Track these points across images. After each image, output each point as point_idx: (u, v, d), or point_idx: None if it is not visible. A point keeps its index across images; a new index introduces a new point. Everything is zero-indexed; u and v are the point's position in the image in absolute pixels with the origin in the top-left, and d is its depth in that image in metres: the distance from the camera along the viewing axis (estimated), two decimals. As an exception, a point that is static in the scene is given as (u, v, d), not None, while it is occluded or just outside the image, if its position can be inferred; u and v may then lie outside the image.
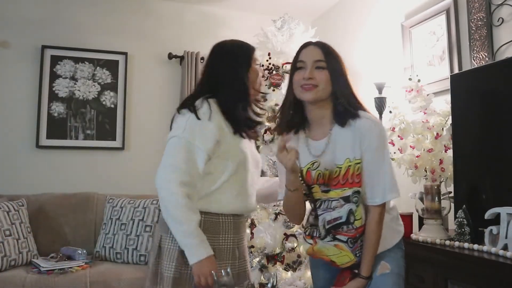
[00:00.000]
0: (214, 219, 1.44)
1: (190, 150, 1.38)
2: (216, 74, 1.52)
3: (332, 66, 1.39)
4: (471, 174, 2.02)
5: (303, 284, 2.42)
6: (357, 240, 1.35)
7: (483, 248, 1.71)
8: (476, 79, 2.10)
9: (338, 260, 1.37)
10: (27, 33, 3.33)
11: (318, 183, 1.40)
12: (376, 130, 1.37)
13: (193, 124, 1.40)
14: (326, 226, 1.38)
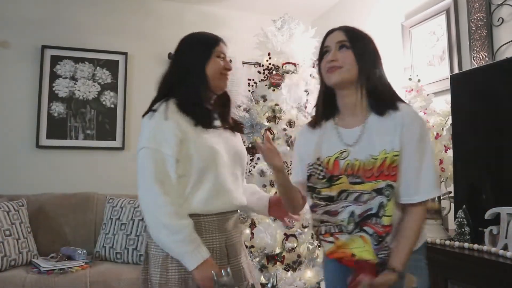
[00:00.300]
0: (195, 220, 1.38)
1: (159, 159, 1.36)
2: (176, 69, 1.50)
3: (357, 46, 1.31)
4: (471, 174, 2.02)
5: (303, 284, 2.42)
6: (383, 240, 1.25)
7: (483, 248, 1.71)
8: (476, 79, 2.10)
9: (360, 255, 1.26)
10: (27, 33, 3.33)
11: (347, 174, 1.30)
12: (419, 121, 1.29)
13: (153, 130, 1.39)
14: (357, 220, 1.27)
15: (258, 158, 2.66)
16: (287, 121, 2.74)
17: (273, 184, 2.64)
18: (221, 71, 1.49)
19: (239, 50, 3.74)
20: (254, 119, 2.74)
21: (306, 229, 2.56)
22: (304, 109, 2.79)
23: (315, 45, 2.97)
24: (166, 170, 1.36)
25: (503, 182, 1.87)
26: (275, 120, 2.73)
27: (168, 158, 1.36)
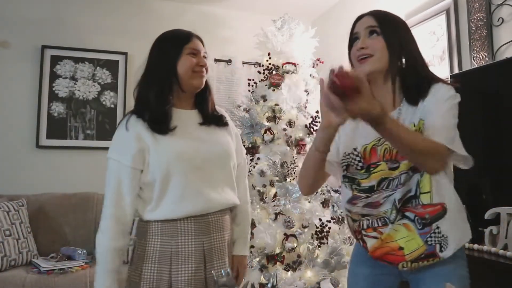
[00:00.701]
0: (171, 224, 1.38)
1: (120, 172, 1.37)
2: (144, 72, 1.50)
3: (388, 31, 1.21)
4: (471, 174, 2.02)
5: (303, 284, 2.42)
6: (428, 223, 1.15)
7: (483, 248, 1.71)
8: (476, 79, 2.10)
9: (407, 246, 1.17)
10: (27, 33, 3.33)
11: (385, 160, 1.21)
12: (450, 90, 1.18)
13: (116, 140, 1.42)
14: (398, 206, 1.18)
15: (258, 158, 2.66)
16: (287, 121, 2.74)
17: (273, 184, 2.64)
18: (194, 68, 1.43)
19: (239, 50, 3.75)
20: (254, 119, 2.74)
21: (306, 229, 2.56)
22: (304, 109, 2.79)
23: (315, 45, 2.97)
24: (125, 183, 1.37)
25: (503, 182, 1.87)
26: (275, 120, 2.73)
27: (128, 170, 1.36)
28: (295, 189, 2.57)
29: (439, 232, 1.17)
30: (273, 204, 2.57)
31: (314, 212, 2.57)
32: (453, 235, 1.18)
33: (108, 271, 1.34)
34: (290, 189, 2.57)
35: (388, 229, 1.21)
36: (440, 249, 1.17)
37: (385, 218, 1.22)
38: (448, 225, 1.17)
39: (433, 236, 1.17)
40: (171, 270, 1.36)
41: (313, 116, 2.78)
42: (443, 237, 1.17)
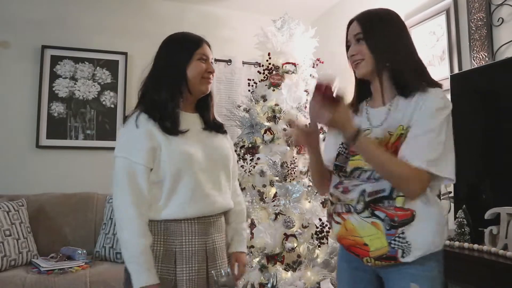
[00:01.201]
0: (175, 224, 1.39)
1: (131, 170, 1.38)
2: (153, 72, 1.48)
3: (370, 37, 1.28)
4: (471, 174, 2.02)
5: (303, 284, 2.42)
6: (396, 226, 1.19)
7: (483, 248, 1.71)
8: (476, 79, 2.10)
9: (372, 244, 1.21)
10: (27, 33, 3.33)
11: None
12: (440, 101, 1.19)
13: (125, 138, 1.43)
14: (367, 199, 1.23)
15: (258, 158, 2.66)
16: (287, 121, 2.75)
17: (273, 184, 2.64)
18: (203, 74, 1.46)
19: (239, 50, 3.76)
20: (254, 119, 2.74)
21: (306, 229, 2.56)
22: (304, 109, 2.79)
23: (315, 45, 2.97)
24: (137, 181, 1.37)
25: (503, 182, 1.87)
26: (275, 120, 2.73)
27: (139, 167, 1.37)
28: (295, 189, 2.57)
29: (403, 237, 1.19)
30: (273, 204, 2.57)
31: (314, 212, 2.57)
32: (417, 243, 1.19)
33: (148, 269, 1.31)
34: (290, 189, 2.57)
35: (353, 219, 1.26)
36: (402, 255, 1.20)
37: (350, 206, 1.27)
38: (414, 233, 1.19)
39: (397, 240, 1.19)
40: (176, 270, 1.37)
41: (313, 116, 2.78)
42: (406, 243, 1.19)
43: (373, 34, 1.28)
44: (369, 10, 1.37)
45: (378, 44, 1.27)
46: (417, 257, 1.19)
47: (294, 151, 2.75)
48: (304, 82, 2.88)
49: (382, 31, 1.29)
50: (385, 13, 1.34)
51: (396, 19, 1.33)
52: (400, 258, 1.20)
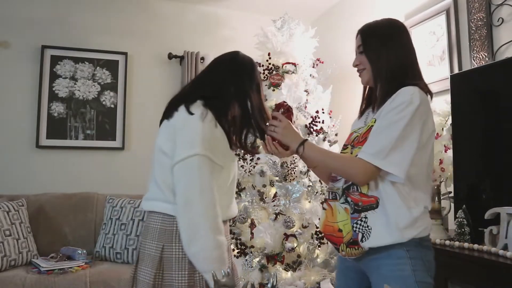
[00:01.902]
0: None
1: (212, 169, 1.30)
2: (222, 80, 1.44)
3: (368, 48, 1.41)
4: (471, 174, 2.02)
5: (303, 284, 2.42)
6: (359, 211, 1.27)
7: (483, 248, 1.71)
8: (476, 79, 2.10)
9: (344, 229, 1.30)
10: (27, 33, 3.33)
11: (351, 144, 1.41)
12: (405, 97, 1.25)
13: (206, 135, 1.30)
14: (343, 186, 1.35)
15: (258, 158, 2.66)
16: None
17: (273, 184, 2.64)
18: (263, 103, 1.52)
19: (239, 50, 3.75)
20: (254, 119, 2.74)
21: (306, 229, 2.56)
22: (304, 109, 2.79)
23: (315, 45, 2.97)
24: (216, 180, 1.33)
25: (503, 182, 1.87)
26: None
27: (218, 168, 1.33)
28: (295, 189, 2.57)
29: (365, 221, 1.26)
30: (273, 204, 2.57)
31: (314, 212, 2.57)
32: (378, 229, 1.24)
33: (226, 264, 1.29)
34: (290, 189, 2.57)
35: (336, 205, 1.36)
36: (361, 239, 1.26)
37: (336, 193, 1.38)
38: (376, 219, 1.26)
39: (359, 223, 1.27)
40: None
41: (313, 116, 2.78)
42: (367, 227, 1.26)
43: (370, 46, 1.40)
44: (370, 23, 1.46)
45: (374, 57, 1.39)
46: (379, 244, 1.24)
47: (294, 151, 2.74)
48: (304, 82, 2.88)
49: (378, 44, 1.39)
50: (385, 25, 1.44)
51: (394, 30, 1.42)
52: (360, 242, 1.26)
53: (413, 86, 1.29)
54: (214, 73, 1.48)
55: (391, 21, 1.45)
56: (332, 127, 2.89)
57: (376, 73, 1.38)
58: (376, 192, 1.27)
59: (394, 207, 1.25)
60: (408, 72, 1.35)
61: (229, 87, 1.42)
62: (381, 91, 1.35)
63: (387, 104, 1.29)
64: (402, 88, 1.28)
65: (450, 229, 2.16)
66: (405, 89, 1.28)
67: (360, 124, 1.46)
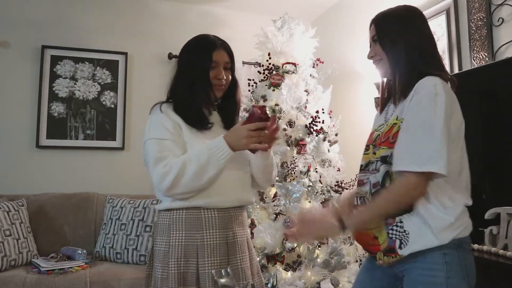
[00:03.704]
0: (196, 213, 1.43)
1: (161, 143, 1.43)
2: (179, 73, 1.55)
3: (383, 37, 1.32)
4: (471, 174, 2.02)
5: (303, 284, 2.42)
6: (394, 215, 1.18)
7: (483, 248, 1.71)
8: (476, 79, 2.10)
9: (380, 236, 1.20)
10: (27, 33, 3.33)
11: (373, 144, 1.32)
12: (426, 90, 1.16)
13: (152, 122, 1.48)
14: (372, 190, 1.25)
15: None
16: (287, 121, 2.74)
17: (273, 184, 2.64)
18: (212, 81, 1.51)
19: (239, 50, 3.74)
20: (254, 119, 2.74)
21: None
22: (304, 109, 2.79)
23: (315, 45, 2.97)
24: (168, 148, 1.42)
25: (503, 182, 1.87)
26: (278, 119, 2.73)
27: (168, 142, 1.43)
28: (295, 189, 2.57)
29: (401, 226, 1.17)
30: (273, 204, 2.58)
31: (314, 212, 2.56)
32: (415, 234, 1.16)
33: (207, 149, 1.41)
34: (290, 189, 2.57)
35: None
36: (400, 245, 1.17)
37: (364, 198, 1.28)
38: (412, 223, 1.17)
39: (395, 229, 1.18)
40: (198, 263, 1.40)
41: (313, 116, 2.78)
42: (404, 232, 1.17)
43: (385, 36, 1.32)
44: (385, 11, 1.39)
45: (390, 45, 1.30)
46: (416, 250, 1.15)
47: (294, 151, 2.75)
48: (304, 82, 2.88)
49: (392, 32, 1.31)
50: (400, 12, 1.35)
51: (411, 16, 1.33)
52: (398, 250, 1.17)
53: (434, 76, 1.20)
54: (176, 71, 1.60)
55: (407, 7, 1.36)
56: (332, 127, 2.89)
57: (393, 63, 1.28)
58: None
59: (429, 207, 1.17)
60: (429, 62, 1.26)
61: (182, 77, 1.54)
62: (400, 82, 1.26)
63: (409, 100, 1.20)
64: (421, 80, 1.19)
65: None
66: (425, 81, 1.19)
67: (380, 121, 1.37)
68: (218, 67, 1.50)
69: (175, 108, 1.49)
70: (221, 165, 1.39)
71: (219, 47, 1.52)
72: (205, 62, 1.48)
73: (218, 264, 1.40)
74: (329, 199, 2.70)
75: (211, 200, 1.43)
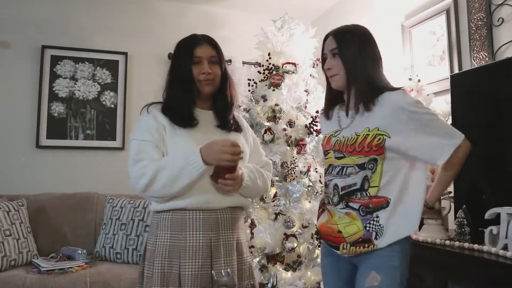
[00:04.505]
0: (180, 215, 1.42)
1: (140, 145, 1.46)
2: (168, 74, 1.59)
3: (343, 52, 1.42)
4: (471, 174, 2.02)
5: (303, 284, 2.42)
6: (371, 212, 1.36)
7: (483, 248, 1.71)
8: (476, 79, 2.10)
9: (345, 230, 1.38)
10: (27, 33, 3.33)
11: (334, 149, 1.47)
12: (406, 98, 1.38)
13: (138, 123, 1.53)
14: (340, 192, 1.41)
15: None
16: (287, 121, 2.74)
17: (273, 184, 2.64)
18: (197, 77, 1.51)
19: (239, 50, 3.75)
20: (254, 119, 2.74)
21: (306, 229, 2.56)
22: (304, 109, 2.79)
23: (315, 45, 2.97)
24: (146, 151, 1.44)
25: (503, 182, 1.87)
26: (275, 120, 2.73)
27: (147, 143, 1.45)
28: (295, 189, 2.57)
29: (377, 221, 1.36)
30: (273, 204, 2.58)
31: (314, 212, 2.57)
32: (390, 227, 1.36)
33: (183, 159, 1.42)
34: (290, 189, 2.57)
35: (332, 209, 1.45)
36: (376, 237, 1.36)
37: (329, 198, 1.47)
38: (387, 217, 1.36)
39: (372, 223, 1.36)
40: (180, 265, 1.40)
41: (313, 116, 2.78)
42: (380, 226, 1.36)
43: (347, 50, 1.42)
44: (342, 27, 1.50)
45: (350, 59, 1.42)
46: (389, 243, 1.35)
47: (294, 151, 2.75)
48: (304, 82, 2.88)
49: (355, 47, 1.42)
50: (356, 29, 1.49)
51: (368, 35, 1.48)
52: (374, 240, 1.36)
53: (398, 90, 1.40)
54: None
55: (363, 27, 1.50)
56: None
57: (352, 78, 1.41)
58: (387, 193, 1.37)
59: (402, 205, 1.38)
60: (383, 78, 1.44)
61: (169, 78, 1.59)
62: (361, 97, 1.40)
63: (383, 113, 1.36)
64: (391, 94, 1.38)
65: (450, 229, 2.15)
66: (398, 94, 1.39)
67: (334, 127, 1.52)
68: (202, 61, 1.50)
69: (162, 109, 1.52)
70: (194, 177, 1.38)
71: (202, 42, 1.53)
72: (186, 60, 1.50)
73: (199, 266, 1.38)
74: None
75: (195, 201, 1.42)
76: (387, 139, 1.36)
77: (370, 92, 1.39)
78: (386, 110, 1.36)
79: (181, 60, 1.52)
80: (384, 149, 1.36)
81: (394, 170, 1.38)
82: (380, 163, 1.37)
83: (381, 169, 1.37)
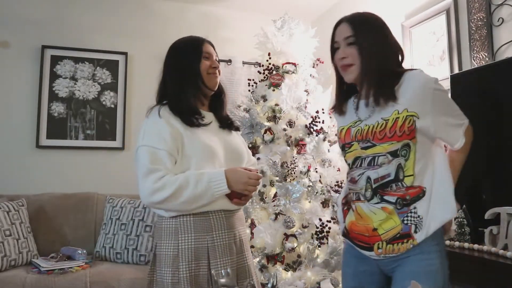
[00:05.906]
0: (205, 217, 1.44)
1: (154, 153, 1.42)
2: (170, 74, 1.58)
3: (360, 40, 1.31)
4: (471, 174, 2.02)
5: (303, 284, 2.42)
6: (408, 204, 1.25)
7: (483, 248, 1.71)
8: (476, 79, 2.10)
9: (381, 226, 1.26)
10: (27, 33, 3.33)
11: (357, 140, 1.34)
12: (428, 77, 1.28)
13: (148, 128, 1.47)
14: (373, 185, 1.28)
15: (258, 158, 2.66)
16: (287, 121, 2.74)
17: (273, 184, 2.64)
18: (208, 70, 1.54)
19: (239, 50, 3.76)
20: (254, 119, 2.74)
21: (306, 229, 2.56)
22: (304, 109, 2.79)
23: (315, 45, 2.97)
24: (161, 161, 1.42)
25: (503, 182, 1.87)
26: (275, 120, 2.73)
27: (162, 152, 1.42)
28: (295, 189, 2.57)
29: (415, 212, 1.25)
30: (273, 204, 2.57)
31: (314, 212, 2.57)
32: (430, 215, 1.25)
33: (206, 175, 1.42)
34: (290, 189, 2.57)
35: (364, 206, 1.31)
36: (415, 230, 1.25)
37: (359, 194, 1.32)
38: (425, 207, 1.25)
39: (410, 216, 1.25)
40: (210, 264, 1.41)
41: (313, 116, 2.79)
42: (418, 217, 1.25)
43: (363, 38, 1.31)
44: (356, 13, 1.40)
45: (370, 48, 1.30)
46: (429, 233, 1.24)
47: (294, 151, 2.75)
48: (304, 82, 2.88)
49: (371, 36, 1.32)
50: (373, 16, 1.40)
51: (382, 22, 1.39)
52: (414, 234, 1.24)
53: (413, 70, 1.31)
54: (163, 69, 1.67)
55: (377, 15, 1.41)
56: (332, 127, 2.89)
57: (368, 68, 1.29)
58: (421, 181, 1.27)
59: (436, 191, 1.27)
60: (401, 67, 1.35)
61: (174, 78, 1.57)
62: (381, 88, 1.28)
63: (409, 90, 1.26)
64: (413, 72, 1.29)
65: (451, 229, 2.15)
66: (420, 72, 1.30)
67: (352, 118, 1.38)
68: (211, 57, 1.56)
69: (171, 108, 1.49)
70: (215, 198, 1.42)
71: (205, 41, 1.60)
72: (195, 57, 1.53)
73: (229, 263, 1.43)
74: (329, 199, 2.70)
75: (217, 206, 1.46)
76: (416, 120, 1.24)
77: (391, 82, 1.28)
78: (411, 90, 1.26)
79: (189, 57, 1.54)
80: (415, 132, 1.25)
81: (425, 155, 1.28)
82: (413, 149, 1.25)
83: (414, 156, 1.25)
